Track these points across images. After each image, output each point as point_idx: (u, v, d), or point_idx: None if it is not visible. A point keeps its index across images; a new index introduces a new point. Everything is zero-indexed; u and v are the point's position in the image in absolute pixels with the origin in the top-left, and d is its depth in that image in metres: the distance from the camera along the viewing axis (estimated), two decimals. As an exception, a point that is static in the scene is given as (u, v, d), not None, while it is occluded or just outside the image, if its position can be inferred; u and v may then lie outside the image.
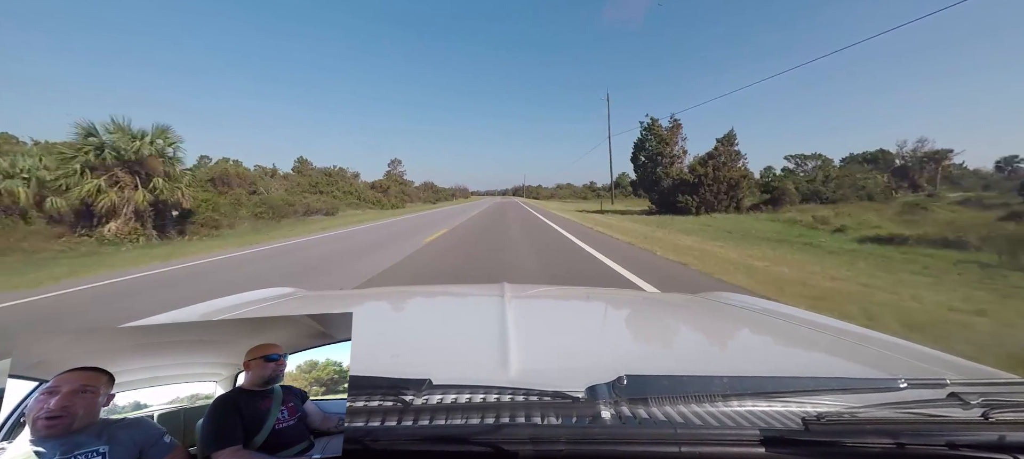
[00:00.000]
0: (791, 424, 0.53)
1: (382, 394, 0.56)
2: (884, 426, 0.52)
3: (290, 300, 1.39)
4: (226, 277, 6.42)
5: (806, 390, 0.59)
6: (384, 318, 1.22)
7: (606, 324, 1.26)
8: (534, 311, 1.26)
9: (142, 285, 6.00)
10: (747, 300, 1.54)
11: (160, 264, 7.86)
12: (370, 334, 0.92)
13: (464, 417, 0.52)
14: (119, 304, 4.87)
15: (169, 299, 5.01)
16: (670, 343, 1.07)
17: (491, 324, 0.96)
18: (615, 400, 0.55)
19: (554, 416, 0.53)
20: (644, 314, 1.37)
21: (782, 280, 5.12)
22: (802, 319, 1.22)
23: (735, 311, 1.36)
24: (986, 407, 0.55)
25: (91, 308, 4.78)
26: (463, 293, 1.65)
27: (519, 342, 0.82)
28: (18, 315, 4.60)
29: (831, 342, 1.00)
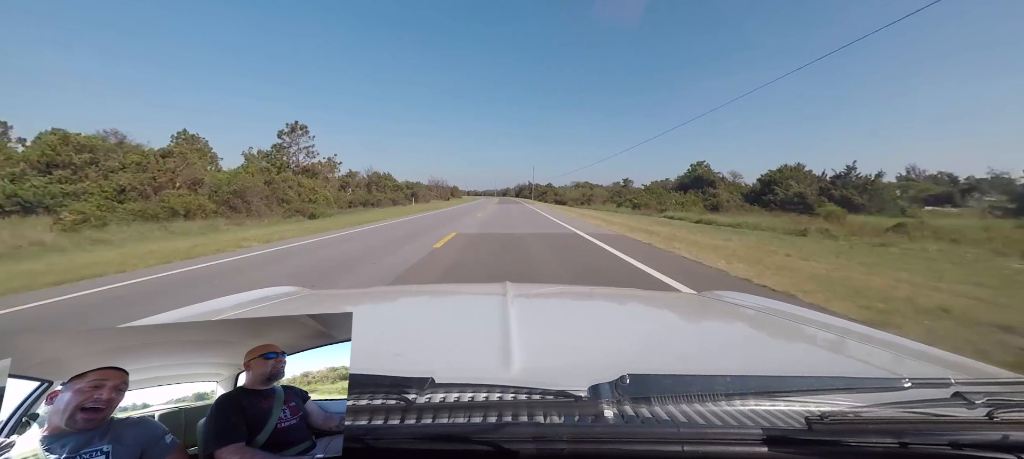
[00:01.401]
0: (794, 423, 0.53)
1: (384, 393, 0.56)
2: (888, 426, 0.52)
3: (291, 300, 1.39)
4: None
5: (809, 389, 0.58)
6: (386, 317, 1.22)
7: (609, 323, 1.25)
8: (537, 310, 1.26)
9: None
10: (750, 299, 1.54)
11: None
12: (372, 333, 0.92)
13: (466, 416, 0.52)
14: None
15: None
16: (673, 342, 1.06)
17: (494, 323, 0.96)
18: (618, 399, 0.55)
19: (556, 415, 0.53)
20: (647, 313, 1.37)
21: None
22: (805, 318, 1.22)
23: (738, 310, 1.36)
24: (991, 407, 0.55)
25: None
26: (466, 292, 1.64)
27: (521, 341, 0.82)
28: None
29: (834, 341, 1.00)
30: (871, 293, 4.77)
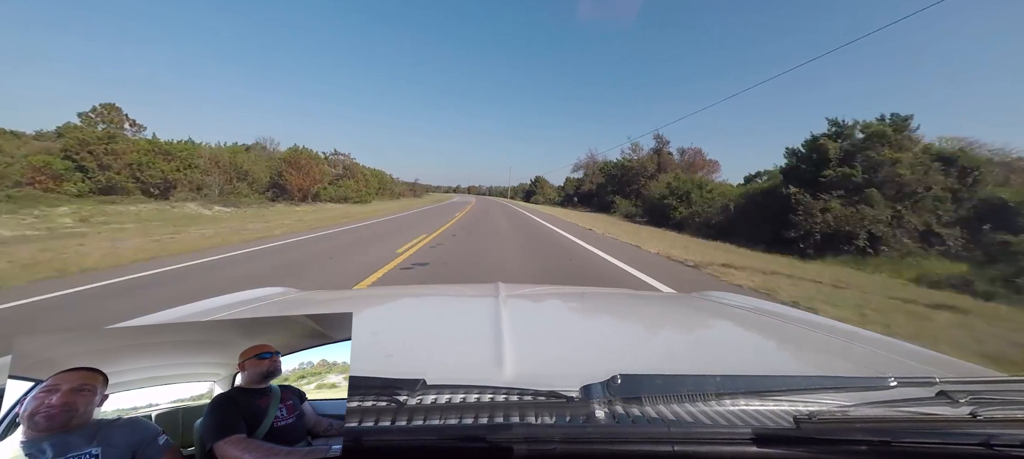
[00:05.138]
0: (783, 423, 0.54)
1: (376, 394, 0.56)
2: (874, 424, 0.53)
3: (284, 300, 1.38)
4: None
5: (798, 389, 0.59)
6: (378, 318, 1.22)
7: (600, 323, 1.26)
8: (528, 311, 1.26)
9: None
10: (740, 299, 1.55)
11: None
12: (364, 334, 0.92)
13: (458, 417, 0.52)
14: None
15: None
16: (664, 342, 1.07)
17: (485, 324, 0.96)
18: (609, 399, 0.56)
19: (548, 416, 0.53)
20: (638, 313, 1.38)
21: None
22: (794, 318, 1.23)
23: (728, 310, 1.37)
24: (974, 405, 0.56)
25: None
26: (458, 293, 1.64)
27: (513, 342, 0.83)
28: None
29: (823, 341, 1.01)
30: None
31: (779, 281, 6.58)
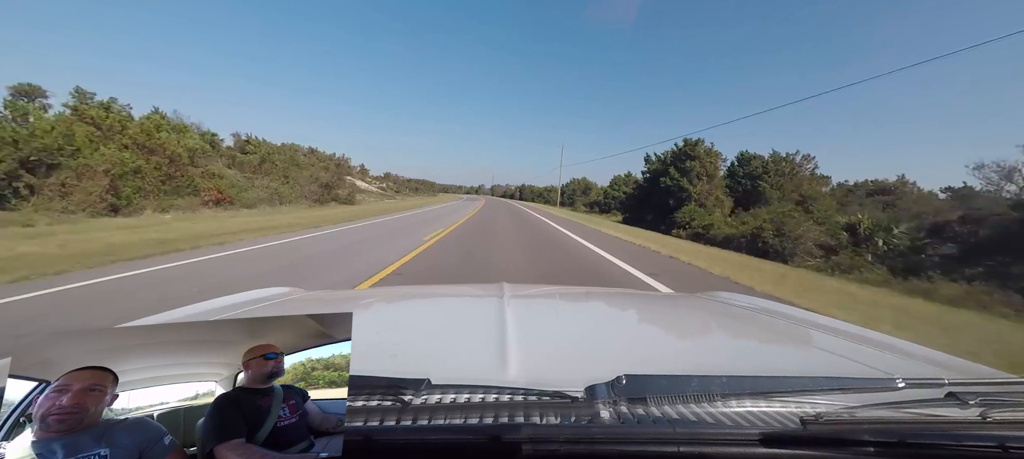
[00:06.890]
0: (789, 424, 0.53)
1: (381, 394, 0.56)
2: (882, 426, 0.52)
3: (288, 300, 1.39)
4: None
5: (804, 390, 0.59)
6: (382, 318, 1.22)
7: (605, 323, 1.26)
8: (533, 311, 1.26)
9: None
10: (746, 300, 1.55)
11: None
12: (368, 334, 0.92)
13: (463, 417, 0.52)
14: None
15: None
16: (669, 342, 1.07)
17: (490, 324, 0.96)
18: (614, 400, 0.55)
19: (553, 416, 0.53)
20: (643, 313, 1.37)
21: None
22: (801, 319, 1.22)
23: (734, 310, 1.37)
24: (984, 407, 0.55)
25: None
26: (462, 293, 1.64)
27: (518, 342, 0.82)
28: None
29: (829, 341, 1.01)
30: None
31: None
